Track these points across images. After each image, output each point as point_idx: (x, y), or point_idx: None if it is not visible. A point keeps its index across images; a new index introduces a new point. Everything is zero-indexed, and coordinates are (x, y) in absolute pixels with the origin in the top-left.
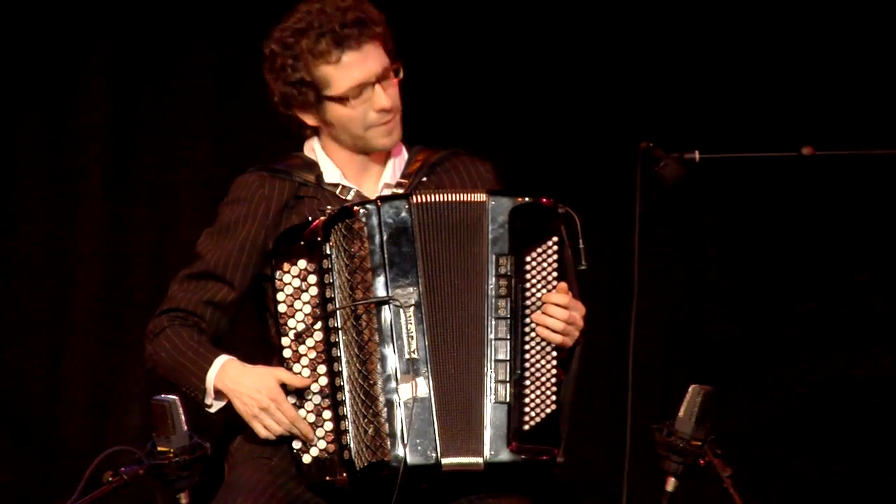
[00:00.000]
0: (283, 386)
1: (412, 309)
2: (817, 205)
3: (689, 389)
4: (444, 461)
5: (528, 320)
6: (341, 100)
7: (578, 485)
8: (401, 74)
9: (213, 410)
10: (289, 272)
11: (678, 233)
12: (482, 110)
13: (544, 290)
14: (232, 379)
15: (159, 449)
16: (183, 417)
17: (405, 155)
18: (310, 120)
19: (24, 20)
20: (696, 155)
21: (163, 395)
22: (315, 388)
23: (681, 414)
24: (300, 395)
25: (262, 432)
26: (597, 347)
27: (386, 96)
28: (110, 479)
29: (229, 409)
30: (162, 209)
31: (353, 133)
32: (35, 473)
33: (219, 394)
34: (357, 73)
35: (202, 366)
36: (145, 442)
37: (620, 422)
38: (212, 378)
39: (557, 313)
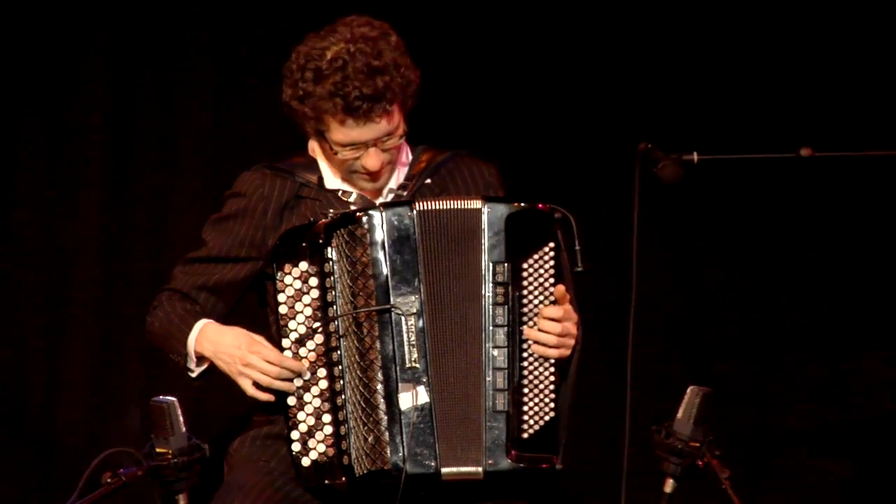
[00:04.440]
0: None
1: (413, 317)
2: (816, 206)
3: (688, 390)
4: (444, 470)
5: (524, 328)
6: (332, 145)
7: (577, 486)
8: (403, 134)
9: (194, 375)
10: (290, 273)
11: (677, 234)
12: (481, 111)
13: (542, 297)
14: (210, 340)
15: (158, 450)
16: (181, 419)
17: (409, 156)
18: (308, 129)
19: (24, 18)
20: (695, 156)
21: (161, 397)
22: (315, 391)
23: (679, 415)
24: (300, 395)
25: (251, 390)
26: (595, 349)
27: (376, 158)
28: (109, 480)
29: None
30: (161, 209)
31: (338, 168)
32: (34, 474)
33: (202, 359)
34: (355, 135)
35: (184, 331)
36: (144, 443)
37: (619, 423)
38: (192, 341)
39: (551, 328)
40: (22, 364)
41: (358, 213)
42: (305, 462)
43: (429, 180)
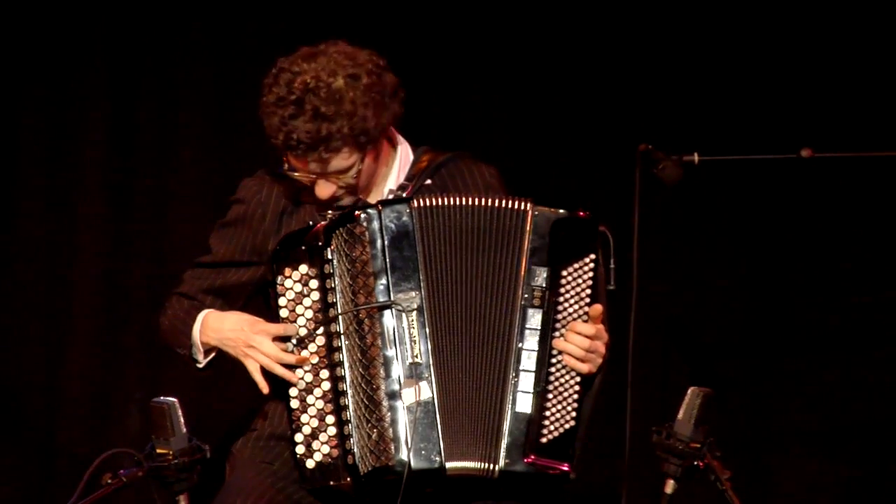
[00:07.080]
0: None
1: (415, 313)
2: (816, 207)
3: (688, 391)
4: (449, 465)
5: (557, 334)
6: (288, 164)
7: (578, 487)
8: (365, 172)
9: (201, 366)
10: (290, 277)
11: (677, 235)
12: (482, 112)
13: (577, 306)
14: (212, 327)
15: (158, 451)
16: (182, 420)
17: (410, 157)
18: None
19: (26, 21)
20: (696, 157)
21: (162, 398)
22: (318, 392)
23: (680, 416)
24: (303, 397)
25: (257, 371)
26: None
27: (324, 189)
28: (109, 481)
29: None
30: (161, 210)
31: None
32: (35, 475)
33: (209, 351)
34: (300, 167)
35: (189, 323)
36: (145, 444)
37: (620, 423)
38: (197, 331)
39: (579, 342)
40: (22, 365)
41: (356, 212)
42: (310, 464)
43: (429, 181)
